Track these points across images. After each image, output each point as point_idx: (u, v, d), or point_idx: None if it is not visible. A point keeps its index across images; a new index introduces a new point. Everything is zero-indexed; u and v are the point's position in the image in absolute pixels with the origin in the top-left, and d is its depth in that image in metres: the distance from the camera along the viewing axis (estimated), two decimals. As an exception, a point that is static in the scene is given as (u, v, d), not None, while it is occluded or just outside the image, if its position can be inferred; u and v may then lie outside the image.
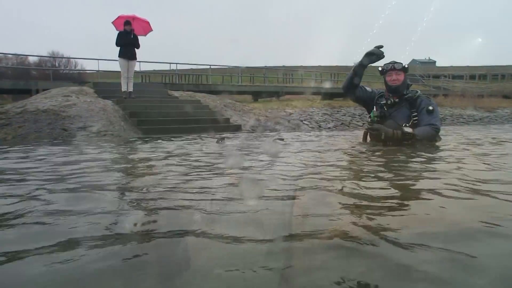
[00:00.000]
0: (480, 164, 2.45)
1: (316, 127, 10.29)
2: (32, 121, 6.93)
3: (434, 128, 3.50)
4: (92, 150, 4.09)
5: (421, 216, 1.27)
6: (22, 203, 1.48)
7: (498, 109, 17.07)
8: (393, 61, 3.72)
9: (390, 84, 3.64)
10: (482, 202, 1.43)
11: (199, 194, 1.63)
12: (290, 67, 31.83)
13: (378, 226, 1.14)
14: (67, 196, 1.63)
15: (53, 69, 23.97)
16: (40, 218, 1.28)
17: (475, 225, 1.14)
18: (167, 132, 7.09)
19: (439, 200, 1.45)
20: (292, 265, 0.91)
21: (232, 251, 0.98)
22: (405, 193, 1.62)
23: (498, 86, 31.52)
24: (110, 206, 1.43)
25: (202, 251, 1.00)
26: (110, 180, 2.00)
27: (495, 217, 1.20)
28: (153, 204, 1.48)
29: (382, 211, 1.31)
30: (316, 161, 2.66)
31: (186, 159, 2.92)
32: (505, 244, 1.00)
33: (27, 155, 3.52)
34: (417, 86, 29.44)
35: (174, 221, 1.25)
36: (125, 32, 8.87)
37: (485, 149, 3.49)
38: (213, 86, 17.22)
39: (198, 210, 1.35)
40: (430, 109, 3.51)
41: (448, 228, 1.13)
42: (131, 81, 9.12)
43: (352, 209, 1.35)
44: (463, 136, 5.37)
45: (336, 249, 0.98)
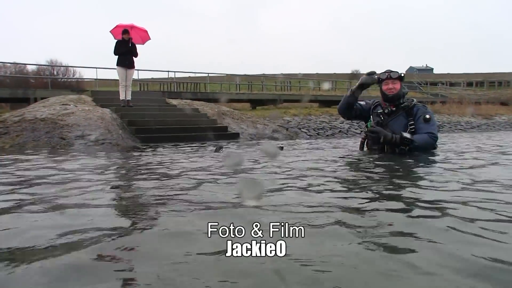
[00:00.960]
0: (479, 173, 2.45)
1: (314, 134, 10.30)
2: (30, 129, 6.92)
3: (432, 136, 3.50)
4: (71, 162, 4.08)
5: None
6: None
7: (495, 116, 17.15)
8: (389, 69, 3.72)
9: (387, 93, 3.64)
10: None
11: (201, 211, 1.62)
12: (288, 75, 31.94)
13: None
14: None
15: (52, 78, 23.97)
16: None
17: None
18: (165, 141, 7.09)
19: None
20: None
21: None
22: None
23: (495, 93, 31.71)
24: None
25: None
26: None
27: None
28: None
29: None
30: (312, 171, 2.65)
31: (183, 172, 2.91)
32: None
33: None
34: (415, 94, 29.56)
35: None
36: (123, 41, 8.90)
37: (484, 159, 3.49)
38: (211, 94, 17.24)
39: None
40: (427, 117, 3.51)
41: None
42: (129, 90, 9.14)
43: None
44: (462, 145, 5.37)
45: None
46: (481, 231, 1.18)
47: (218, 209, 1.54)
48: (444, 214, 1.39)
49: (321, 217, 1.37)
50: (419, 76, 42.86)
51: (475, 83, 42.14)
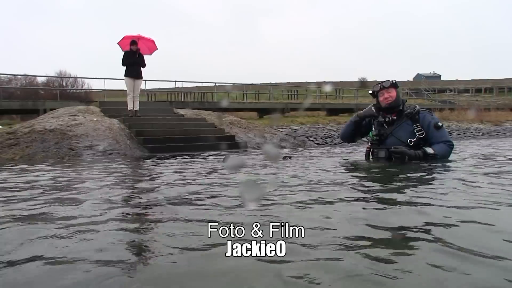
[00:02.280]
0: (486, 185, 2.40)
1: (322, 143, 10.26)
2: (39, 140, 6.99)
3: (449, 145, 3.50)
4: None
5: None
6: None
7: (506, 122, 16.95)
8: (380, 81, 3.76)
9: (385, 104, 3.62)
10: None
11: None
12: (294, 83, 32.02)
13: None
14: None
15: (61, 89, 24.32)
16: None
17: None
18: (173, 150, 7.10)
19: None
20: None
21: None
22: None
23: (505, 99, 31.42)
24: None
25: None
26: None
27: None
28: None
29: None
30: (317, 181, 2.62)
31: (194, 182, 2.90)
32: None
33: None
34: (423, 101, 29.42)
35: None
36: (131, 52, 8.99)
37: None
38: (218, 103, 17.32)
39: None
40: (439, 125, 3.47)
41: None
42: (137, 100, 9.20)
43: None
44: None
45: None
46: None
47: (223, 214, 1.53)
48: (447, 224, 1.36)
49: (321, 222, 1.35)
50: (426, 83, 42.69)
51: (483, 89, 41.85)
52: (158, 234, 1.32)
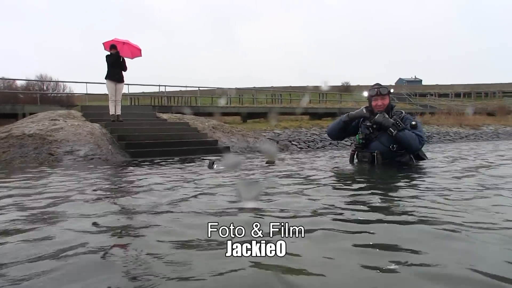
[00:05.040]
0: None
1: (305, 147, 10.34)
2: (17, 146, 6.84)
3: (419, 136, 3.56)
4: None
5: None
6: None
7: (483, 126, 17.39)
8: (378, 84, 3.77)
9: (376, 110, 3.70)
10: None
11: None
12: (278, 88, 32.18)
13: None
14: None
15: (41, 93, 23.79)
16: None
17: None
18: (155, 155, 7.04)
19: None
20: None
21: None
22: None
23: (482, 103, 32.23)
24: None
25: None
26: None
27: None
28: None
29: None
30: (302, 186, 2.66)
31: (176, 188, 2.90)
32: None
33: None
34: (405, 105, 29.91)
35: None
36: (111, 55, 8.92)
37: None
38: (201, 108, 17.26)
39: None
40: (413, 123, 3.56)
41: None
42: (118, 104, 9.10)
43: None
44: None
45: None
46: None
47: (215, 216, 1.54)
48: (432, 221, 1.40)
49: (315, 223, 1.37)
50: (408, 87, 43.43)
51: (462, 94, 42.83)
52: (152, 238, 1.32)
